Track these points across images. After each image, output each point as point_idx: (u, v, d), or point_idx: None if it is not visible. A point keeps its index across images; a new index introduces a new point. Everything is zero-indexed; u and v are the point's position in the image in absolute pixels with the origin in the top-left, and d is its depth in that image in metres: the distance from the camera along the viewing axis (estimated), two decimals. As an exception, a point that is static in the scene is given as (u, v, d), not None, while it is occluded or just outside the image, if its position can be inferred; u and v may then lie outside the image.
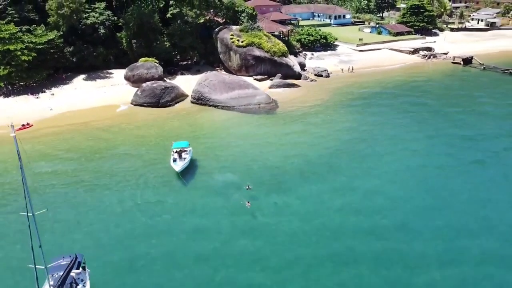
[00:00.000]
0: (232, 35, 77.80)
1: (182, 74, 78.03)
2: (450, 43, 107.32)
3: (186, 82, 72.25)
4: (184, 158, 43.26)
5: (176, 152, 44.14)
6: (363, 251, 31.40)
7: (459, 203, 37.85)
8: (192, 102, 65.16)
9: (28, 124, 56.43)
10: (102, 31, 76.18)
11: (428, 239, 32.87)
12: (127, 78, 72.37)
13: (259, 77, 75.79)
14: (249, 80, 72.03)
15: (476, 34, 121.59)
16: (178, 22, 77.57)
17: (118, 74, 75.58)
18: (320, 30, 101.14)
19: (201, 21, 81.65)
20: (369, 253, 31.14)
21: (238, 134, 53.97)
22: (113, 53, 78.54)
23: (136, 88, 68.73)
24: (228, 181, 41.23)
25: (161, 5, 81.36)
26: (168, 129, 55.62)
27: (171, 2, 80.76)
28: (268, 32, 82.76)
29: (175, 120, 58.83)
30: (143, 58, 74.08)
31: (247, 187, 38.46)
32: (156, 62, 73.79)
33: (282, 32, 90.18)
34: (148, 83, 65.81)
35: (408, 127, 55.85)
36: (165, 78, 73.54)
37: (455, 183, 41.57)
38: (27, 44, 65.42)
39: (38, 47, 66.55)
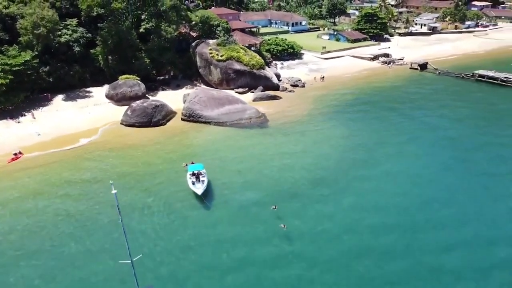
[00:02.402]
0: (210, 49, 79.18)
1: (163, 89, 78.10)
2: (402, 48, 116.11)
3: (169, 98, 72.64)
4: (203, 181, 44.59)
5: (193, 175, 45.35)
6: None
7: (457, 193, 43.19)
8: (182, 119, 65.83)
9: (20, 152, 54.27)
10: (77, 48, 74.23)
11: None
12: (109, 97, 71.32)
13: (240, 90, 77.96)
14: (235, 94, 74.12)
15: (422, 38, 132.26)
16: (156, 37, 77.44)
17: (98, 93, 74.22)
18: (286, 39, 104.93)
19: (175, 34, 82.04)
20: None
21: (240, 151, 55.76)
22: (89, 71, 76.76)
23: (121, 107, 68.46)
24: (250, 200, 43.18)
25: (134, 20, 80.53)
26: (171, 150, 56.10)
27: (143, 17, 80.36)
28: (242, 45, 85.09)
29: (174, 140, 59.34)
30: (123, 76, 73.23)
31: (274, 207, 40.59)
32: (137, 79, 73.44)
33: (255, 44, 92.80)
34: (138, 102, 65.53)
35: (391, 132, 61.66)
36: (147, 95, 73.54)
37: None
38: (2, 67, 62.58)
39: (14, 69, 63.83)
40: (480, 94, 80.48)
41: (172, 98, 73.08)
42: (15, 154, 53.69)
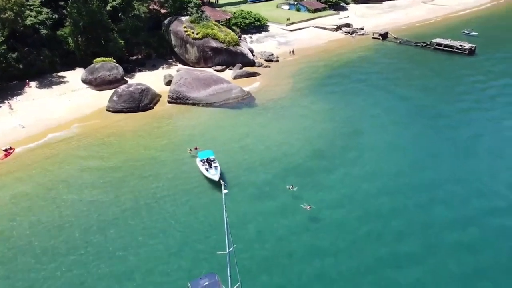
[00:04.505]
0: (185, 27, 77.99)
1: (139, 71, 76.39)
2: (360, 17, 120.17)
3: (149, 80, 71.51)
4: (216, 167, 46.12)
5: (206, 161, 46.68)
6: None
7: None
8: (169, 102, 65.67)
9: (11, 148, 52.12)
10: (44, 31, 70.19)
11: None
12: (87, 81, 68.91)
13: (218, 67, 78.24)
14: (218, 73, 74.38)
15: (376, 6, 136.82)
16: (128, 16, 74.78)
17: (72, 77, 71.37)
18: (251, 12, 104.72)
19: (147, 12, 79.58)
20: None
21: (237, 131, 57.38)
22: (58, 54, 72.95)
23: (102, 92, 67.10)
24: (266, 181, 45.63)
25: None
26: (168, 135, 56.62)
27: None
28: (215, 21, 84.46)
29: (168, 124, 59.74)
30: (98, 59, 70.75)
31: (291, 187, 43.32)
32: (114, 62, 71.27)
33: (225, 18, 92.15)
34: (122, 87, 64.18)
35: (368, 103, 66.20)
36: (125, 78, 71.79)
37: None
38: (-30, 56, 58.39)
39: (-18, 57, 59.75)
40: (440, 62, 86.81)
41: (151, 80, 71.97)
42: (6, 150, 51.59)
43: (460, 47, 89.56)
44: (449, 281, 33.34)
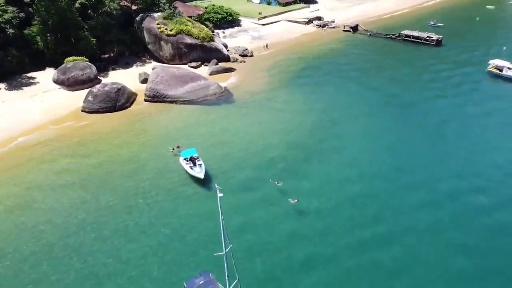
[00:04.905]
0: (158, 24, 76.91)
1: (113, 69, 74.89)
2: (330, 10, 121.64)
3: (123, 78, 70.29)
4: (200, 165, 46.15)
5: (189, 160, 46.61)
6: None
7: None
8: (146, 100, 64.85)
9: (-15, 154, 50.32)
10: (11, 30, 67.57)
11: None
12: (59, 82, 67.07)
13: (193, 64, 77.72)
14: (194, 70, 73.89)
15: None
16: (99, 14, 72.99)
17: (42, 78, 69.28)
18: (223, 6, 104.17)
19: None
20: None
21: (217, 129, 57.43)
22: (26, 54, 70.49)
23: (75, 92, 65.86)
24: (251, 177, 46.05)
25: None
26: (149, 134, 56.12)
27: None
28: (188, 16, 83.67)
29: (147, 123, 59.06)
30: (70, 58, 68.88)
31: (276, 182, 43.87)
32: (86, 61, 69.58)
33: (198, 14, 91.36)
34: (97, 86, 62.90)
35: (343, 95, 67.92)
36: (98, 77, 70.25)
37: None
38: None
39: None
40: (409, 53, 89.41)
41: (126, 78, 70.82)
42: (-20, 156, 49.71)
43: (427, 38, 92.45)
44: (425, 258, 35.32)
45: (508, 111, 61.70)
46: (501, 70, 72.26)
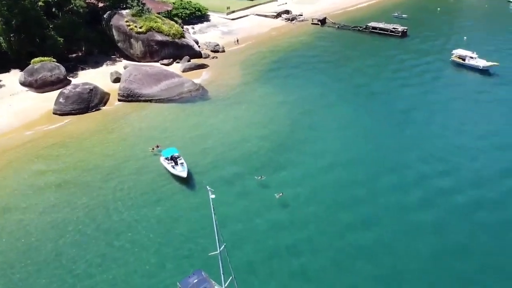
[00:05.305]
0: (127, 21, 75.46)
1: (82, 69, 73.03)
2: (297, 4, 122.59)
3: (93, 78, 68.82)
4: (182, 163, 46.14)
5: (171, 159, 46.46)
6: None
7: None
8: (120, 100, 63.80)
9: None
10: (-29, 31, 64.64)
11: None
12: (27, 84, 64.94)
13: (165, 61, 76.90)
14: (167, 67, 73.11)
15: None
16: (66, 12, 70.83)
17: (8, 80, 67.11)
18: (190, 1, 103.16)
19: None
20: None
21: (195, 126, 57.35)
22: (-13, 55, 67.81)
23: (44, 94, 64.46)
24: (234, 173, 46.39)
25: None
26: (126, 135, 55.41)
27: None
28: (157, 13, 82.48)
29: (123, 123, 58.23)
30: (36, 59, 66.73)
31: (260, 177, 44.54)
32: (54, 61, 67.54)
33: (167, 10, 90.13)
34: (69, 87, 61.42)
35: (316, 89, 68.59)
36: (67, 78, 68.42)
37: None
38: None
39: None
40: (375, 45, 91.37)
41: (96, 78, 69.44)
42: None
43: (393, 29, 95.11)
44: (400, 237, 37.64)
45: (470, 97, 65.13)
46: (464, 60, 75.54)
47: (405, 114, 59.96)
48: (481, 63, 73.01)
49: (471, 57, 74.48)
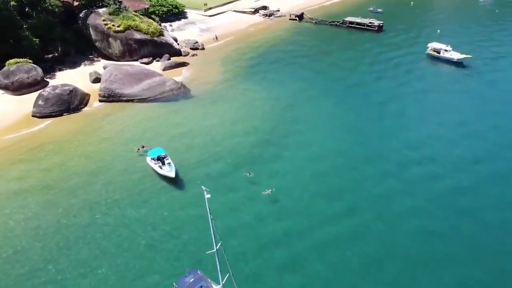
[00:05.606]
0: (105, 20, 74.26)
1: (60, 70, 71.48)
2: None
3: (72, 79, 67.56)
4: (169, 163, 46.04)
5: (158, 159, 46.29)
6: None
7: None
8: (101, 100, 62.90)
9: None
10: None
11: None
12: (3, 86, 63.55)
13: (145, 60, 76.16)
14: (146, 66, 72.53)
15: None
16: (40, 12, 69.07)
17: (-20, 83, 64.62)
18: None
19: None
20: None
21: (179, 125, 57.15)
22: (-41, 58, 65.53)
23: (21, 97, 63.16)
24: (221, 171, 46.59)
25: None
26: (108, 136, 54.67)
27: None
28: (134, 11, 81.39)
29: (105, 124, 57.44)
30: (11, 60, 65.13)
31: (248, 174, 44.97)
32: (30, 62, 65.95)
33: (144, 8, 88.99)
34: (47, 89, 60.13)
35: (298, 84, 69.55)
36: (45, 79, 66.96)
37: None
38: None
39: None
40: (352, 39, 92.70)
41: (75, 78, 68.26)
42: None
43: (370, 24, 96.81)
44: (383, 222, 39.08)
45: (445, 88, 67.49)
46: (438, 52, 77.75)
47: (383, 106, 61.69)
48: (456, 55, 75.36)
49: (446, 50, 76.73)
